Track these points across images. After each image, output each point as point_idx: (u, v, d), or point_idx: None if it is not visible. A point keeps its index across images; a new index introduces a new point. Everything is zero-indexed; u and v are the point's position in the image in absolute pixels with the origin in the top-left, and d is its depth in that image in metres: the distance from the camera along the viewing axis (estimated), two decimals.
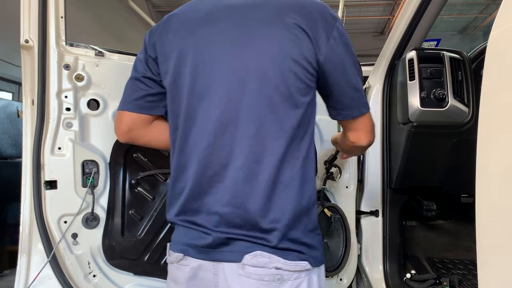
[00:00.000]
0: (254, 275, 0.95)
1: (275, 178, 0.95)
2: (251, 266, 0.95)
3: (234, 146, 0.95)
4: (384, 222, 1.95)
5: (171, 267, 1.04)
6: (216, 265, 0.96)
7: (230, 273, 0.95)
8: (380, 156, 1.96)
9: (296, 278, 0.96)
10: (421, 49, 1.77)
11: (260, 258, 0.95)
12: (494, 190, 0.75)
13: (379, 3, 10.02)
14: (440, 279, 1.92)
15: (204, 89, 0.97)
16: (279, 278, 0.95)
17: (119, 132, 1.12)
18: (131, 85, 1.10)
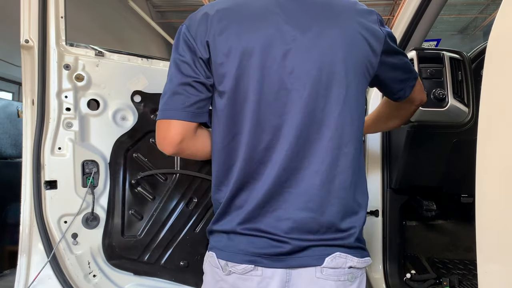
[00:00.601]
0: (332, 277, 0.96)
1: (351, 180, 0.97)
2: (330, 268, 0.96)
3: (311, 151, 0.95)
4: (384, 222, 1.95)
5: (232, 278, 0.96)
6: (290, 271, 0.95)
7: (306, 277, 0.95)
8: (380, 156, 1.96)
9: (361, 274, 1.01)
10: (421, 49, 1.77)
11: (339, 259, 0.96)
12: (494, 190, 0.75)
13: (379, 3, 10.02)
14: (440, 279, 1.92)
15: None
16: (352, 276, 0.98)
17: (169, 144, 0.99)
18: (180, 91, 0.97)
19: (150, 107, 1.62)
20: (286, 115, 0.94)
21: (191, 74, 0.96)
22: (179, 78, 0.97)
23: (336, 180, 0.95)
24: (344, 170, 0.96)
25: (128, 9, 8.55)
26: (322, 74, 0.94)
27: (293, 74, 0.94)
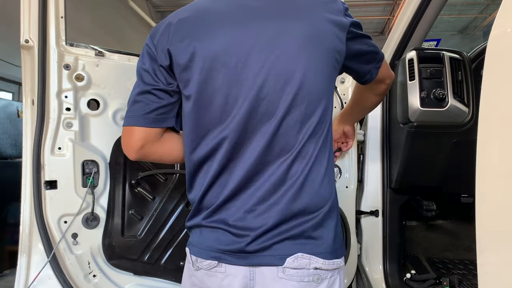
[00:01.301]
0: (295, 277, 0.96)
1: (305, 177, 0.96)
2: (292, 268, 0.96)
3: (280, 146, 0.97)
4: (384, 222, 1.95)
5: (200, 273, 1.00)
6: (253, 269, 0.96)
7: (269, 276, 0.95)
8: (380, 156, 1.96)
9: (331, 276, 0.99)
10: (421, 49, 1.77)
11: (301, 260, 0.96)
12: (494, 190, 0.75)
13: (379, 3, 10.03)
14: (440, 279, 1.92)
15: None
16: (318, 278, 0.97)
17: (130, 150, 1.03)
18: (140, 99, 1.01)
19: None
20: None
21: (151, 82, 1.00)
22: (140, 86, 1.01)
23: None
24: (302, 167, 0.97)
25: (128, 9, 8.55)
26: (281, 74, 0.95)
27: (257, 75, 0.95)
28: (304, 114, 0.96)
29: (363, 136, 1.99)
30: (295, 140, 0.96)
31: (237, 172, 0.96)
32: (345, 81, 1.92)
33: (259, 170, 0.96)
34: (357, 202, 1.96)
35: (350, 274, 1.93)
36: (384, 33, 11.64)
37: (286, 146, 0.96)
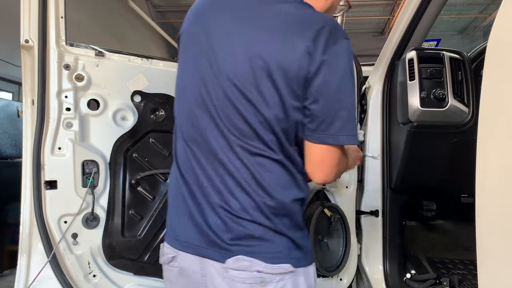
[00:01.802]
0: (238, 278, 0.96)
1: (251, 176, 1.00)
2: (234, 269, 0.96)
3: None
4: (384, 222, 1.94)
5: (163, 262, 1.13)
6: (204, 261, 0.99)
7: (216, 272, 0.97)
8: (380, 156, 1.96)
9: (279, 280, 0.96)
10: (421, 49, 1.77)
11: (242, 262, 0.96)
12: (494, 190, 0.75)
13: (379, 3, 10.03)
14: (440, 279, 1.92)
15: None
16: (262, 281, 0.95)
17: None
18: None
19: (150, 107, 1.61)
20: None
21: None
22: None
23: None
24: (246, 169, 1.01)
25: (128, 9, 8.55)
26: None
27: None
28: None
29: (363, 136, 1.99)
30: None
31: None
32: None
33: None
34: (357, 202, 1.96)
35: (350, 274, 1.93)
36: (384, 33, 11.64)
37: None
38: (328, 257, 1.80)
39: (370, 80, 2.04)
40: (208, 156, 0.99)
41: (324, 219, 1.76)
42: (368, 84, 2.03)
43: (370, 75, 2.05)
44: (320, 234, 1.78)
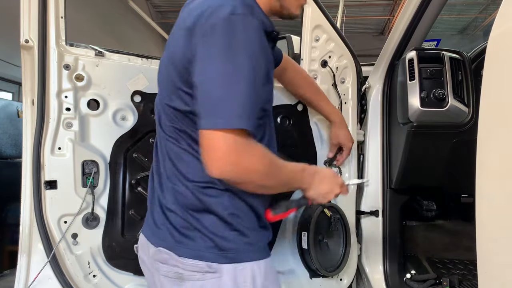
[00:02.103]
0: (162, 271, 0.98)
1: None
2: (159, 261, 0.99)
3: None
4: (384, 222, 1.95)
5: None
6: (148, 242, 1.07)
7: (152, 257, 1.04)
8: (380, 156, 1.96)
9: (199, 279, 0.94)
10: (421, 49, 1.77)
11: (164, 254, 0.97)
12: (494, 190, 0.75)
13: (379, 3, 10.03)
14: (440, 279, 1.92)
15: None
16: (180, 277, 0.95)
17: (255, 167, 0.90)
18: (262, 92, 0.91)
19: (150, 107, 1.61)
20: None
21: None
22: (267, 78, 1.00)
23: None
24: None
25: (128, 9, 8.55)
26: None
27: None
28: None
29: (363, 136, 1.99)
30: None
31: None
32: (345, 81, 1.92)
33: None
34: (357, 202, 1.96)
35: (350, 274, 1.93)
36: (384, 33, 11.64)
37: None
38: (328, 257, 1.80)
39: (370, 80, 2.04)
40: (161, 148, 1.07)
41: (324, 219, 1.77)
42: (368, 84, 2.03)
43: (370, 75, 2.05)
44: (320, 234, 1.78)
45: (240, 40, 0.84)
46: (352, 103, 1.93)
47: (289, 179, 1.01)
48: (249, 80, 0.83)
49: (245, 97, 0.83)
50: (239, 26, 0.84)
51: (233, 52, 0.83)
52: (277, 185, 0.98)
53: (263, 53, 0.88)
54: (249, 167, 0.87)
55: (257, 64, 0.86)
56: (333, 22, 1.85)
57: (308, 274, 1.81)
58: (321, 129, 1.86)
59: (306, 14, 1.81)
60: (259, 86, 0.87)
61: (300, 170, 1.05)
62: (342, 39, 1.87)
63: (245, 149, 0.85)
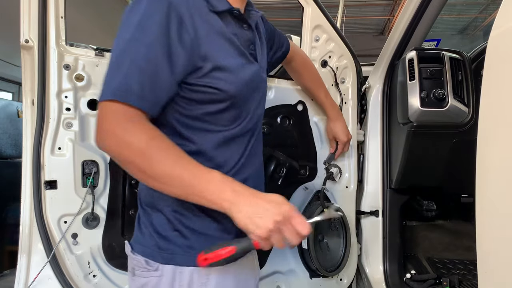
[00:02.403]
0: (129, 262, 1.00)
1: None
2: (129, 253, 1.01)
3: None
4: (384, 222, 1.95)
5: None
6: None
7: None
8: (380, 156, 1.96)
9: (144, 276, 0.93)
10: (421, 49, 1.77)
11: (128, 249, 1.01)
12: (494, 190, 0.75)
13: (379, 3, 10.02)
14: (440, 279, 1.92)
15: None
16: (132, 271, 0.97)
17: None
18: (161, 73, 0.89)
19: None
20: None
21: None
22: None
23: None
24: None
25: None
26: None
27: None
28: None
29: (363, 136, 1.99)
30: None
31: None
32: (345, 81, 1.92)
33: None
34: (357, 202, 1.96)
35: (350, 274, 1.93)
36: (384, 33, 11.64)
37: None
38: (328, 257, 1.80)
39: (370, 80, 2.04)
40: None
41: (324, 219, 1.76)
42: (368, 84, 2.03)
43: (370, 75, 2.06)
44: (320, 234, 1.78)
45: (138, 19, 0.84)
46: (352, 103, 1.93)
47: (184, 178, 0.79)
48: (136, 59, 0.83)
49: (128, 74, 0.82)
50: (139, 4, 0.85)
51: (127, 29, 0.84)
52: (165, 178, 0.79)
53: (161, 33, 0.83)
54: (127, 142, 0.78)
55: (148, 44, 0.83)
56: (333, 22, 1.85)
57: (308, 274, 1.81)
58: (321, 129, 1.86)
59: (306, 14, 1.81)
60: (151, 65, 0.83)
61: (211, 175, 0.80)
62: (342, 39, 1.88)
63: (129, 124, 0.80)
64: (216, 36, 0.91)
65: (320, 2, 1.81)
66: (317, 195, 1.82)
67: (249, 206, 0.78)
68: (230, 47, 0.93)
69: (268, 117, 1.76)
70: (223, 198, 0.79)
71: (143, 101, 0.81)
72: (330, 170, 1.83)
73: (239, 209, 0.78)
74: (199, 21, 0.88)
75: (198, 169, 0.80)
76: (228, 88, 0.91)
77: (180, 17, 0.85)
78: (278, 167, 1.77)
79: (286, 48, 1.49)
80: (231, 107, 0.94)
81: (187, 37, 0.85)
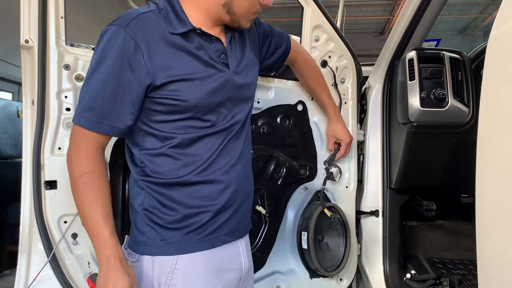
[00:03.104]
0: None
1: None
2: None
3: None
4: (384, 222, 1.94)
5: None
6: None
7: None
8: (380, 156, 1.96)
9: (133, 266, 1.07)
10: (421, 49, 1.77)
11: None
12: (494, 190, 0.75)
13: (379, 3, 10.03)
14: (440, 279, 1.92)
15: None
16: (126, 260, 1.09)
17: None
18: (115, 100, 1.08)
19: None
20: None
21: None
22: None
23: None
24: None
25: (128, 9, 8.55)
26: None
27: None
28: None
29: (363, 136, 1.99)
30: None
31: None
32: (345, 81, 1.92)
33: None
34: (357, 202, 1.96)
35: (350, 274, 1.93)
36: (384, 33, 11.64)
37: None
38: (328, 257, 1.80)
39: (370, 80, 2.04)
40: None
41: (324, 219, 1.77)
42: (368, 84, 2.03)
43: (370, 75, 2.05)
44: (320, 234, 1.78)
45: (99, 50, 1.00)
46: (352, 103, 1.93)
47: (86, 219, 1.01)
48: (93, 87, 0.99)
49: (87, 102, 0.99)
50: (104, 36, 1.00)
51: (93, 60, 1.01)
52: (78, 209, 1.02)
53: (116, 65, 0.98)
54: (70, 167, 1.02)
55: (107, 74, 0.99)
56: (333, 22, 1.85)
57: (308, 274, 1.81)
58: (321, 129, 1.86)
59: (306, 14, 1.81)
60: (108, 93, 0.98)
61: (100, 231, 1.00)
62: (342, 39, 1.87)
63: (81, 147, 1.00)
64: (175, 53, 1.03)
65: (320, 2, 1.80)
66: (317, 195, 1.82)
67: (103, 277, 0.98)
68: (191, 60, 1.04)
69: (268, 117, 1.76)
70: (99, 256, 0.99)
71: (101, 126, 1.00)
72: (330, 170, 1.83)
73: (100, 272, 0.99)
74: (157, 43, 1.01)
75: (97, 220, 0.99)
76: (189, 98, 1.02)
77: (135, 44, 0.98)
78: (278, 167, 1.77)
79: (286, 47, 1.48)
80: (195, 117, 1.05)
81: (142, 61, 0.99)
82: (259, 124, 1.73)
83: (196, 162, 1.07)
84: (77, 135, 1.00)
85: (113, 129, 1.01)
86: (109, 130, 1.01)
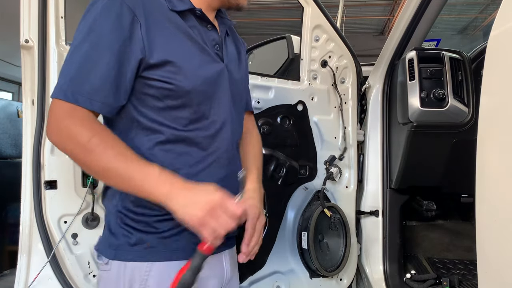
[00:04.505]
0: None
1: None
2: None
3: None
4: (384, 222, 1.95)
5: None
6: None
7: None
8: (380, 156, 1.96)
9: (100, 270, 0.99)
10: (421, 49, 1.77)
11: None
12: (494, 190, 0.75)
13: (379, 3, 10.03)
14: (440, 279, 1.92)
15: None
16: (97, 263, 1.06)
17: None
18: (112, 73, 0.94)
19: None
20: None
21: None
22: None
23: None
24: None
25: None
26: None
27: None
28: None
29: (363, 136, 1.99)
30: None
31: None
32: (345, 81, 1.92)
33: None
34: (357, 202, 1.96)
35: (350, 274, 1.93)
36: (384, 33, 11.64)
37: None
38: (328, 257, 1.80)
39: (370, 80, 2.04)
40: None
41: (324, 219, 1.77)
42: (368, 84, 2.03)
43: (370, 75, 2.06)
44: (320, 234, 1.78)
45: (89, 19, 0.88)
46: (352, 103, 1.93)
47: (123, 171, 0.84)
48: (86, 57, 0.86)
49: (74, 74, 0.85)
50: (97, 4, 0.89)
51: (81, 30, 0.89)
52: (106, 172, 0.85)
53: (113, 35, 0.87)
54: (70, 137, 0.84)
55: (103, 44, 0.86)
56: (333, 22, 1.85)
57: (308, 274, 1.81)
58: (321, 129, 1.86)
59: (306, 14, 1.81)
60: (101, 65, 0.86)
61: (149, 169, 0.85)
62: (342, 39, 1.88)
63: (73, 119, 0.84)
64: (174, 32, 0.93)
65: (320, 2, 1.81)
66: (317, 195, 1.82)
67: (183, 198, 0.84)
68: (188, 42, 0.95)
69: (268, 117, 1.76)
70: (160, 192, 0.84)
71: (92, 102, 0.86)
72: (330, 170, 1.83)
73: (174, 202, 0.84)
74: (156, 18, 0.91)
75: (138, 163, 0.85)
76: (183, 83, 0.92)
77: (133, 16, 0.88)
78: (278, 167, 1.77)
79: (247, 107, 1.26)
80: (186, 105, 0.94)
81: (139, 35, 0.88)
82: (259, 124, 1.73)
83: (183, 162, 0.95)
84: (60, 112, 0.85)
85: (105, 107, 0.87)
86: (102, 108, 0.87)
